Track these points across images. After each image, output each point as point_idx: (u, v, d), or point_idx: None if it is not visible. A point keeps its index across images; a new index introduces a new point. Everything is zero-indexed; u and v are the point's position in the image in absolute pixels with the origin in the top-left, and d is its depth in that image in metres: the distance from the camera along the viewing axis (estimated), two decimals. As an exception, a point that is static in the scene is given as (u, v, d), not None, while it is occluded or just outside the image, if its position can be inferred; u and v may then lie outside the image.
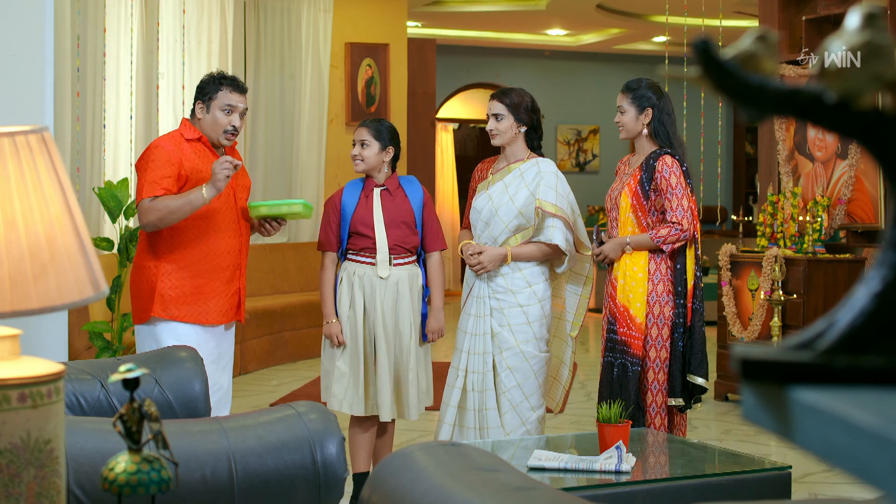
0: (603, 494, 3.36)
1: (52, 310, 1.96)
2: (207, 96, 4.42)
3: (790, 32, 7.87)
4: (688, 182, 4.49)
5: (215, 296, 4.36)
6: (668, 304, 4.50)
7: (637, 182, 4.52)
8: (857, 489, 4.89)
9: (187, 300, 4.30)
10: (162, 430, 2.11)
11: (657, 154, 4.51)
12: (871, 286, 0.99)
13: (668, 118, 4.56)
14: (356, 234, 4.72)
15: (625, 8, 12.82)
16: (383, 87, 11.21)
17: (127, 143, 8.32)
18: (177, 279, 4.30)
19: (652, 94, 4.56)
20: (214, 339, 4.39)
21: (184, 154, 4.33)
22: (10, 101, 4.36)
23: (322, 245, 4.80)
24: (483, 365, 4.63)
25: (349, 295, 4.71)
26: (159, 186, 4.25)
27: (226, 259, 4.41)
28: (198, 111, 4.44)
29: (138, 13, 8.41)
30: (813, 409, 0.94)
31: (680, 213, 4.47)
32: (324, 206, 4.85)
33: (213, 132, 4.42)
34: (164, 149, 4.31)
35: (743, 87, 1.00)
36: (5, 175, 1.96)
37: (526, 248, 4.63)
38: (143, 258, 4.37)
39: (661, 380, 4.48)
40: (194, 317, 4.31)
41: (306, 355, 9.30)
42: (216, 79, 4.47)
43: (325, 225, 4.80)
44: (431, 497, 1.75)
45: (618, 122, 4.64)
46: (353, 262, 4.74)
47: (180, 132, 4.43)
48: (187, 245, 4.32)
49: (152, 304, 4.28)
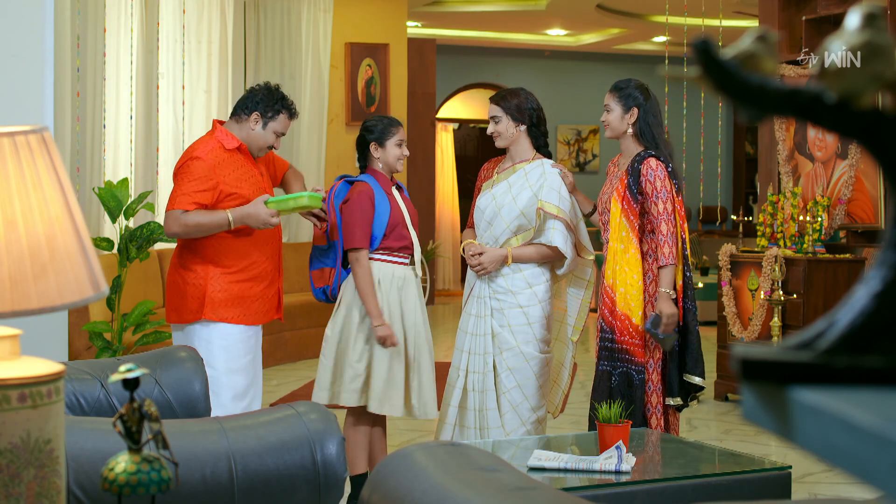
0: (603, 494, 3.36)
1: (52, 310, 1.96)
2: (269, 115, 4.48)
3: (790, 32, 7.87)
4: (674, 183, 4.49)
5: (259, 298, 4.52)
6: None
7: (625, 187, 4.51)
8: (857, 489, 4.89)
9: (234, 302, 4.46)
10: (162, 430, 2.11)
11: (642, 157, 4.51)
12: (871, 286, 0.99)
13: (654, 119, 4.56)
14: (394, 235, 4.65)
15: (625, 8, 12.83)
16: (383, 87, 11.22)
17: (127, 143, 8.32)
18: (224, 283, 4.44)
19: (639, 94, 4.56)
20: (256, 336, 4.56)
21: (222, 167, 4.40)
22: (10, 101, 4.36)
23: (361, 242, 4.60)
24: (484, 365, 4.63)
25: (398, 297, 4.66)
26: (192, 200, 4.34)
27: (267, 263, 4.56)
28: (251, 122, 4.48)
29: (138, 13, 8.40)
30: (813, 409, 0.94)
31: (665, 218, 4.45)
32: (355, 200, 4.63)
33: (254, 144, 4.51)
34: (204, 162, 4.37)
35: (743, 87, 1.00)
36: (5, 175, 1.96)
37: (526, 250, 4.63)
38: (187, 262, 4.48)
39: (656, 380, 4.47)
40: (240, 318, 4.47)
41: (306, 355, 9.30)
42: (279, 98, 4.52)
43: (362, 222, 4.60)
44: (431, 497, 1.75)
45: (603, 120, 4.64)
46: (390, 262, 4.66)
47: (219, 141, 4.45)
48: (233, 252, 4.46)
49: (203, 307, 4.43)
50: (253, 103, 4.48)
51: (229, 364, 4.42)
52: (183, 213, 4.33)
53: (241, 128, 4.50)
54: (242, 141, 4.49)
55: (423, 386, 4.67)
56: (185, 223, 4.34)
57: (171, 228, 4.37)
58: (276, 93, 4.53)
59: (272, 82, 4.64)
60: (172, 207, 4.36)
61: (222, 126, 4.52)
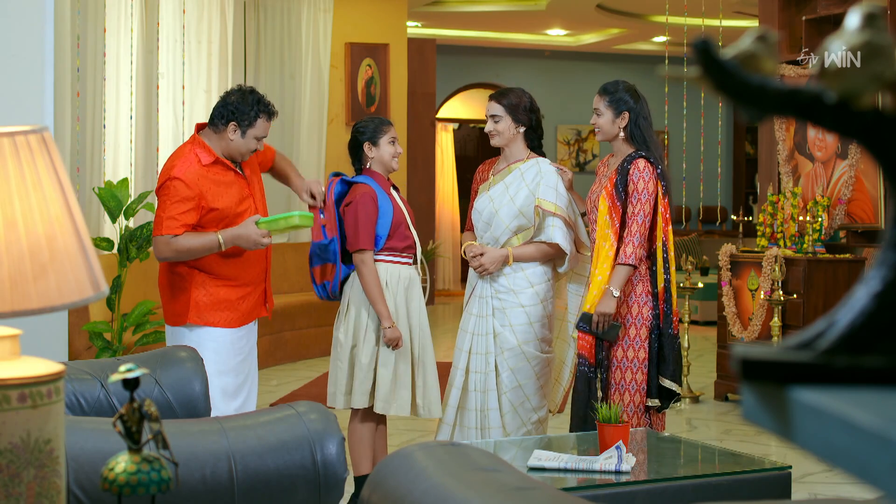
0: (603, 494, 3.36)
1: (52, 310, 1.96)
2: (246, 122, 4.39)
3: (790, 32, 7.87)
4: (663, 185, 4.48)
5: (245, 300, 4.51)
6: (646, 305, 4.48)
7: (613, 186, 4.51)
8: (857, 489, 4.89)
9: (220, 306, 4.44)
10: (162, 430, 2.11)
11: (632, 157, 4.50)
12: (871, 286, 0.99)
13: (645, 122, 4.55)
14: (398, 235, 4.65)
15: (625, 8, 12.83)
16: (383, 87, 11.21)
17: (127, 143, 8.32)
18: (211, 287, 4.43)
19: (629, 97, 4.55)
20: (247, 336, 4.55)
21: (203, 184, 4.35)
22: (10, 101, 4.36)
23: (366, 244, 4.59)
24: (486, 365, 4.63)
25: (404, 297, 4.66)
26: (179, 224, 4.31)
27: (254, 267, 4.53)
28: (229, 133, 4.39)
29: (138, 13, 8.41)
30: (813, 409, 0.94)
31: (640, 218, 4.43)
32: (358, 202, 4.61)
33: (236, 151, 4.44)
34: (185, 183, 4.31)
35: (743, 87, 1.00)
36: (5, 175, 1.96)
37: (527, 249, 4.63)
38: (174, 265, 4.46)
39: (640, 380, 4.47)
40: (227, 321, 4.46)
41: (306, 355, 9.30)
42: (253, 104, 4.41)
43: (366, 223, 4.58)
44: (431, 497, 1.75)
45: (594, 123, 4.63)
46: (396, 263, 4.66)
47: (197, 157, 4.38)
48: (218, 257, 4.43)
49: (188, 311, 4.42)
50: (228, 112, 4.38)
51: (219, 366, 4.40)
52: (173, 238, 4.30)
53: (220, 138, 4.42)
54: (222, 152, 4.42)
55: (428, 385, 4.67)
56: (177, 248, 4.31)
57: (163, 253, 4.34)
58: (250, 97, 4.41)
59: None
60: (160, 233, 4.32)
61: (199, 138, 4.44)
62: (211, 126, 4.44)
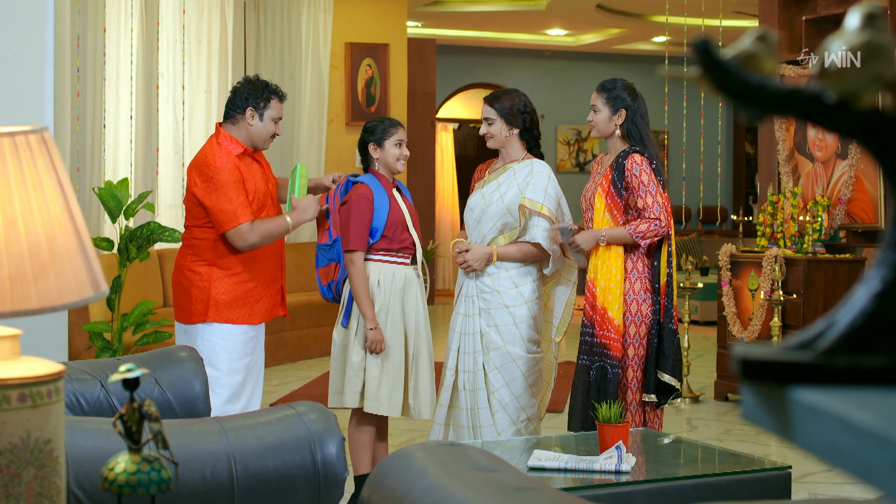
0: (603, 494, 3.36)
1: (52, 310, 1.96)
2: (262, 104, 4.57)
3: (790, 32, 7.87)
4: (658, 179, 4.49)
5: (262, 297, 4.60)
6: (645, 302, 4.49)
7: (609, 182, 4.52)
8: (857, 489, 4.89)
9: (238, 303, 4.54)
10: (162, 430, 2.11)
11: (626, 153, 4.51)
12: (871, 286, 0.99)
13: (642, 120, 4.56)
14: (393, 235, 4.65)
15: (625, 8, 12.83)
16: (383, 87, 11.21)
17: (127, 143, 8.32)
18: (228, 285, 4.52)
19: (627, 95, 4.56)
20: (257, 336, 4.64)
21: (243, 171, 4.52)
22: (10, 101, 4.36)
23: (357, 244, 4.61)
24: (473, 364, 4.62)
25: (399, 297, 4.66)
26: (248, 211, 4.47)
27: (269, 262, 4.64)
28: (248, 119, 4.56)
29: (138, 13, 8.40)
30: (813, 409, 0.94)
31: (657, 209, 4.45)
32: (353, 202, 4.65)
33: (258, 138, 4.60)
34: (232, 171, 4.47)
35: (743, 87, 1.00)
36: (5, 175, 1.96)
37: (511, 248, 4.62)
38: (192, 264, 4.55)
39: (640, 377, 4.48)
40: (245, 318, 4.55)
41: (306, 355, 9.30)
42: (265, 87, 4.60)
43: (358, 224, 4.61)
44: (431, 497, 1.75)
45: (590, 120, 4.64)
46: (388, 263, 4.66)
47: (227, 149, 4.53)
48: (234, 253, 4.53)
49: (207, 309, 4.51)
50: (242, 100, 4.56)
51: (231, 364, 4.47)
52: (253, 224, 4.46)
53: (240, 128, 4.57)
54: (245, 139, 4.57)
55: (420, 387, 4.67)
56: (261, 232, 4.48)
57: (250, 240, 4.47)
58: (259, 82, 4.61)
59: (273, 83, 4.68)
60: (239, 221, 4.44)
61: (224, 131, 4.58)
62: (228, 120, 4.60)
